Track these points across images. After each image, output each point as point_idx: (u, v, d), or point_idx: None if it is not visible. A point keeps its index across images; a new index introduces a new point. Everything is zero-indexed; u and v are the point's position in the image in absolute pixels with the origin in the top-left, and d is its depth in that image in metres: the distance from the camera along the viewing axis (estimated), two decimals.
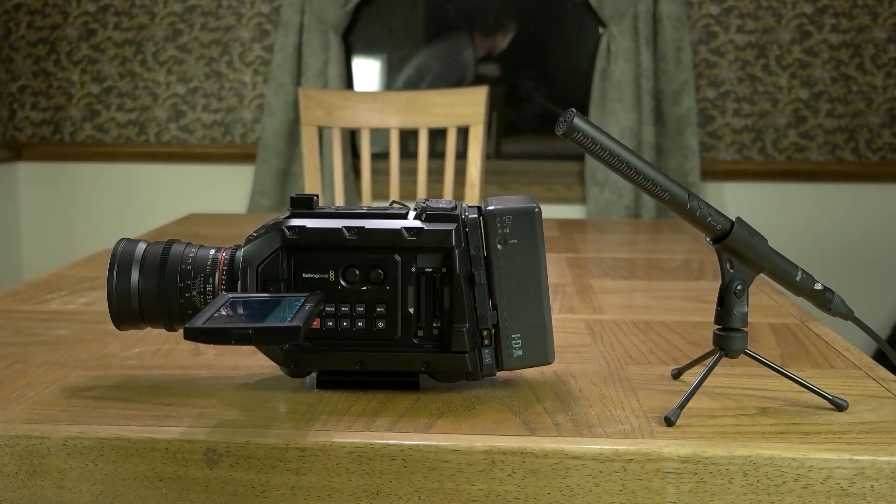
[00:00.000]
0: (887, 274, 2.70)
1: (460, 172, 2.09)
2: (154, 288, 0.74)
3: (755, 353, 0.74)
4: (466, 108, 1.99)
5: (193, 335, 0.62)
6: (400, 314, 0.74)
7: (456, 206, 0.75)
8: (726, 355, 0.73)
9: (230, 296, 0.70)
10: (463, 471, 0.65)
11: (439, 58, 2.93)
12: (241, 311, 0.67)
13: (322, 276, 0.74)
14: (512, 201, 0.75)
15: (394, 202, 0.81)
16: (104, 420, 0.69)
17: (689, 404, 0.71)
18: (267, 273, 0.73)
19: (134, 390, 0.76)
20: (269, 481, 0.66)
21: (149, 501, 0.66)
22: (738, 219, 0.71)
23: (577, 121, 0.66)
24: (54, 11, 2.85)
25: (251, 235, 0.75)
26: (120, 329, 0.77)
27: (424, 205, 0.74)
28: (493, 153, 2.90)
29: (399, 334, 0.74)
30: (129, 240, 0.77)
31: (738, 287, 0.72)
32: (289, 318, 0.65)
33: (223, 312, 0.66)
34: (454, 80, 2.90)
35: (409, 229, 0.73)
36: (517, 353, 0.75)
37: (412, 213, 0.76)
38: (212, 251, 0.76)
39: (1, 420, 0.69)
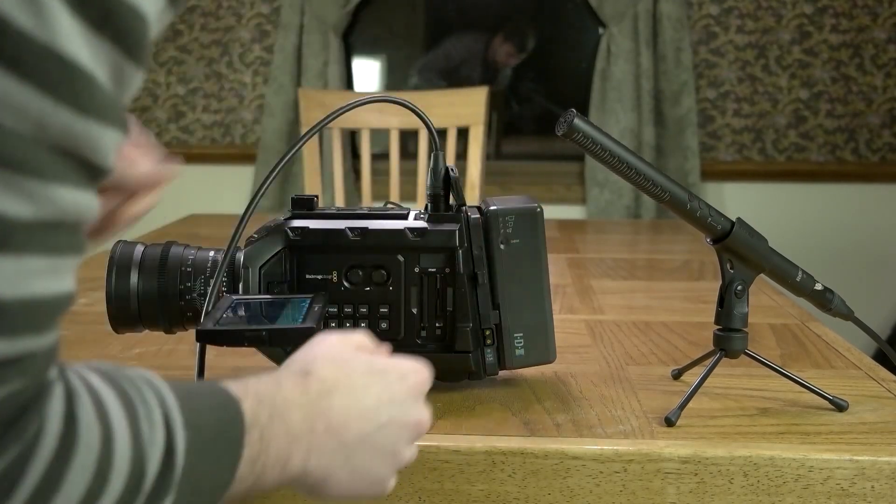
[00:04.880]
0: (887, 274, 2.70)
1: (460, 173, 2.09)
2: (154, 290, 0.74)
3: (755, 354, 0.74)
4: (466, 108, 1.99)
5: (205, 337, 0.62)
6: (403, 314, 0.74)
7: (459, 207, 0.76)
8: (726, 356, 0.73)
9: (234, 298, 0.70)
10: (463, 471, 0.65)
11: (453, 47, 2.92)
12: (247, 312, 0.67)
13: (325, 277, 0.74)
14: (513, 201, 0.75)
15: (388, 203, 0.82)
16: None
17: (690, 405, 0.71)
18: (270, 275, 0.73)
19: None
20: None
21: None
22: (739, 219, 0.71)
23: (578, 121, 0.66)
24: None
25: (252, 237, 0.75)
26: (118, 332, 0.76)
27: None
28: (493, 154, 2.90)
29: (402, 334, 0.74)
30: (126, 242, 0.76)
31: (739, 287, 0.72)
32: (300, 320, 0.65)
33: (230, 314, 0.66)
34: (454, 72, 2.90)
35: (412, 230, 0.73)
36: (519, 352, 0.75)
37: (413, 214, 0.76)
38: (211, 253, 0.75)
39: None
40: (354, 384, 0.52)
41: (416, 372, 0.55)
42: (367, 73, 2.94)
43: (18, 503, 0.32)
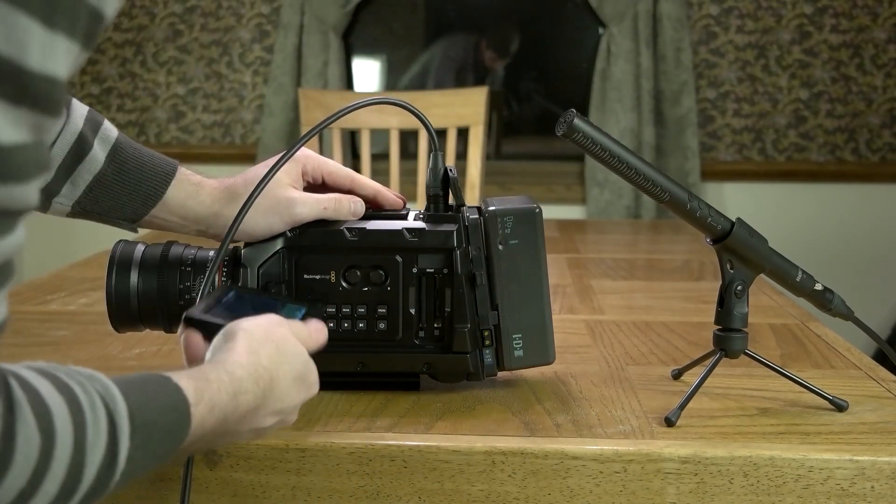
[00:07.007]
0: (887, 274, 2.69)
1: (460, 173, 2.09)
2: (154, 289, 0.74)
3: (755, 354, 0.74)
4: (466, 108, 1.99)
5: (192, 323, 0.61)
6: (401, 315, 0.74)
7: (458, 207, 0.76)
8: (726, 356, 0.73)
9: (233, 288, 0.70)
10: (463, 471, 0.65)
11: (443, 50, 2.93)
12: (238, 307, 0.66)
13: (323, 277, 0.74)
14: (512, 202, 0.75)
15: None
16: None
17: (690, 405, 0.71)
18: (268, 274, 0.73)
19: None
20: (269, 482, 0.66)
21: (149, 502, 0.66)
22: (739, 219, 0.71)
23: (578, 121, 0.66)
24: None
25: None
26: (118, 331, 0.77)
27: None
28: (493, 154, 2.90)
29: (400, 335, 0.74)
30: (127, 241, 0.77)
31: (739, 287, 0.72)
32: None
33: (221, 309, 0.65)
34: (453, 73, 2.90)
35: (410, 230, 0.73)
36: (518, 353, 0.75)
37: (412, 214, 0.76)
38: (211, 252, 0.76)
39: None
40: (266, 333, 0.59)
41: (280, 322, 0.62)
42: (367, 73, 2.94)
43: None
